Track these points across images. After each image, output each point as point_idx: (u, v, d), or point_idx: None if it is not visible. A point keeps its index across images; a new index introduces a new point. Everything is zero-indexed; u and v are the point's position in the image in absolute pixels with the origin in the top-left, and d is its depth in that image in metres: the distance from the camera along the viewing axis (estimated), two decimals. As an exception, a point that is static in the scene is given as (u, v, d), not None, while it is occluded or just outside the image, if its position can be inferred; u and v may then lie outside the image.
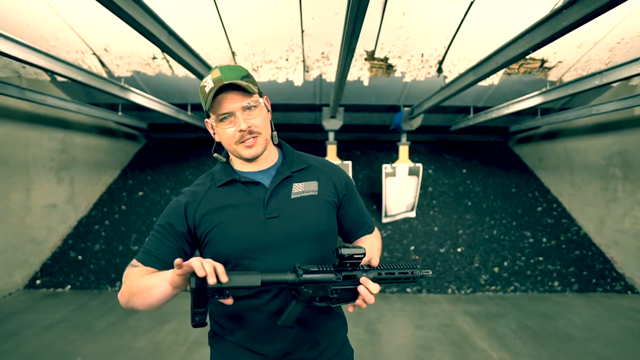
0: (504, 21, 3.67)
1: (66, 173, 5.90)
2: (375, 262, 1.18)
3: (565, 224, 6.43)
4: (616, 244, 5.74)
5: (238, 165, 1.31)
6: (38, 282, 5.32)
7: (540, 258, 5.91)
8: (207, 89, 1.17)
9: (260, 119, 1.22)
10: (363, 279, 1.13)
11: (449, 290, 5.45)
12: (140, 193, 6.82)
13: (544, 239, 6.20)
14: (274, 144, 1.37)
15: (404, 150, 5.91)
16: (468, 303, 5.01)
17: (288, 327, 1.17)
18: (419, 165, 5.87)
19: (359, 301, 1.14)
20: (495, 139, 8.14)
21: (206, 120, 1.28)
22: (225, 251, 1.19)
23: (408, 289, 5.43)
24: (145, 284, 1.08)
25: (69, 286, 5.33)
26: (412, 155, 6.84)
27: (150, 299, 1.06)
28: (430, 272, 1.22)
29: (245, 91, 1.17)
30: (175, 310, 4.60)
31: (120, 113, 5.87)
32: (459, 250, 6.00)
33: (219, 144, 1.29)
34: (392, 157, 7.18)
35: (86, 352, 3.54)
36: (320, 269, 1.13)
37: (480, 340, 3.90)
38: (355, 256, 1.12)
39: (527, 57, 4.36)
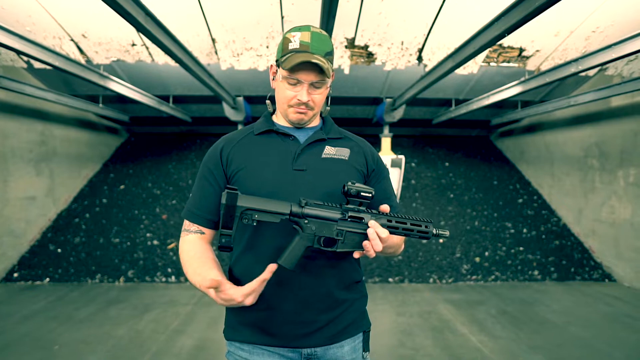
0: (482, 7, 3.71)
1: (46, 165, 5.81)
2: (386, 209, 1.14)
3: (545, 215, 6.53)
4: (594, 233, 5.85)
5: (280, 119, 1.34)
6: (16, 275, 5.23)
7: (521, 248, 6.00)
8: (290, 46, 1.18)
9: (321, 96, 1.25)
10: (372, 222, 1.08)
11: (431, 280, 5.49)
12: (122, 187, 6.74)
13: (525, 230, 6.29)
14: (320, 114, 1.40)
15: (386, 142, 5.93)
16: (449, 292, 5.06)
17: (289, 269, 1.09)
18: (402, 157, 5.89)
19: (366, 243, 1.08)
20: (477, 133, 8.24)
21: (272, 64, 1.30)
22: (248, 193, 1.19)
23: (390, 279, 5.46)
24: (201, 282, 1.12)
25: (47, 279, 5.25)
26: (395, 149, 6.87)
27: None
28: (448, 233, 1.16)
29: (322, 70, 1.18)
30: (157, 300, 4.57)
31: (100, 105, 5.80)
32: (441, 240, 6.05)
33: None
34: (376, 150, 7.21)
35: (65, 341, 3.49)
36: (326, 204, 1.10)
37: (460, 325, 3.94)
38: (362, 193, 1.08)
39: (506, 46, 4.42)
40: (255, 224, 1.04)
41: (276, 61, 1.25)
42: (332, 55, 1.24)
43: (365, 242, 1.08)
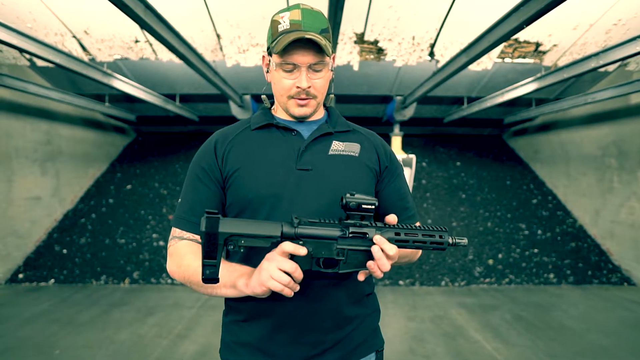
0: (497, 1, 3.56)
1: (51, 165, 5.75)
2: (393, 220, 0.98)
3: (560, 216, 6.34)
4: (612, 235, 5.65)
5: (281, 112, 1.19)
6: (20, 276, 5.17)
7: (536, 250, 5.81)
8: (280, 28, 1.04)
9: (323, 81, 1.10)
10: (377, 238, 0.92)
11: (443, 283, 5.34)
12: (129, 186, 6.69)
13: (539, 231, 6.10)
14: (324, 105, 1.26)
15: (396, 141, 5.79)
16: (462, 295, 4.91)
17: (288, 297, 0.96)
18: (412, 156, 5.73)
19: (371, 264, 0.93)
20: (490, 132, 8.06)
21: (264, 54, 1.16)
22: (248, 196, 1.06)
23: (401, 282, 5.32)
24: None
25: (52, 280, 5.19)
26: (406, 148, 6.73)
27: (214, 293, 1.03)
28: (466, 241, 1.00)
29: (319, 48, 1.04)
30: (161, 303, 4.48)
31: (107, 104, 5.74)
32: (453, 242, 5.89)
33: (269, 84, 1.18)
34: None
35: (66, 345, 3.41)
36: (322, 220, 0.95)
37: (474, 331, 3.80)
38: (364, 206, 0.94)
39: (522, 40, 4.26)
40: (242, 250, 0.90)
41: (267, 50, 1.11)
42: (329, 33, 1.09)
43: (369, 263, 0.93)
